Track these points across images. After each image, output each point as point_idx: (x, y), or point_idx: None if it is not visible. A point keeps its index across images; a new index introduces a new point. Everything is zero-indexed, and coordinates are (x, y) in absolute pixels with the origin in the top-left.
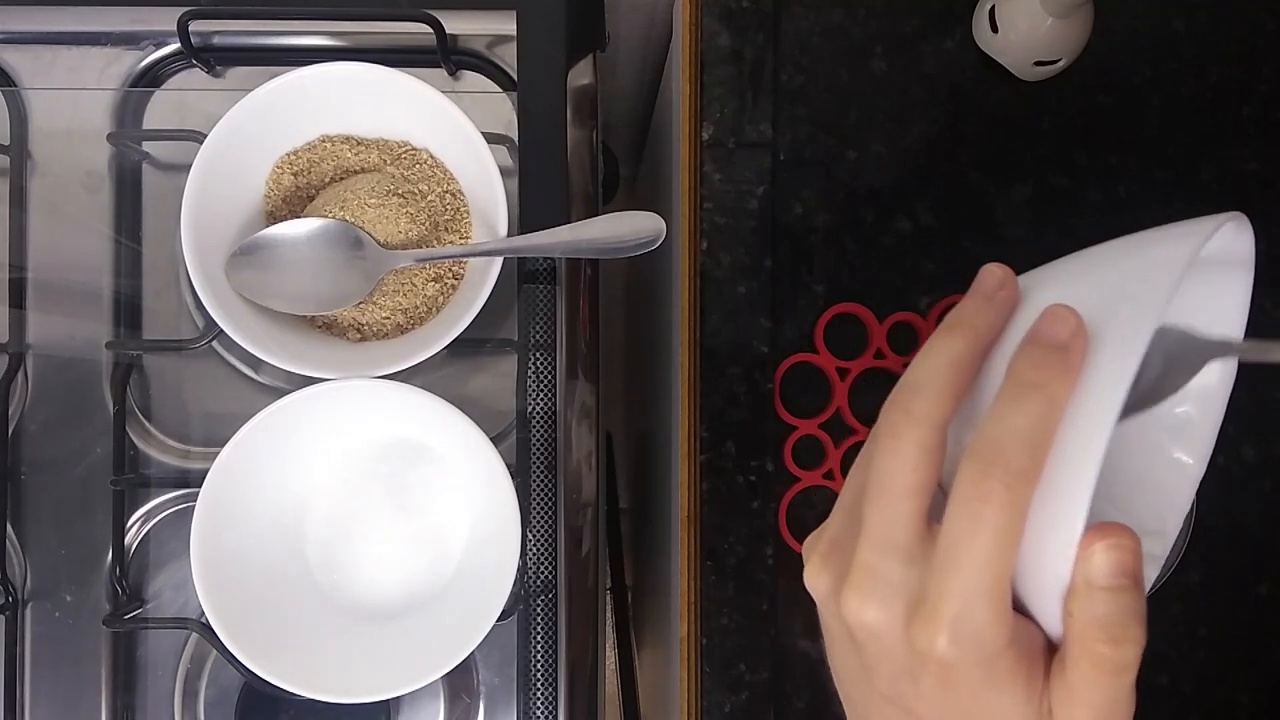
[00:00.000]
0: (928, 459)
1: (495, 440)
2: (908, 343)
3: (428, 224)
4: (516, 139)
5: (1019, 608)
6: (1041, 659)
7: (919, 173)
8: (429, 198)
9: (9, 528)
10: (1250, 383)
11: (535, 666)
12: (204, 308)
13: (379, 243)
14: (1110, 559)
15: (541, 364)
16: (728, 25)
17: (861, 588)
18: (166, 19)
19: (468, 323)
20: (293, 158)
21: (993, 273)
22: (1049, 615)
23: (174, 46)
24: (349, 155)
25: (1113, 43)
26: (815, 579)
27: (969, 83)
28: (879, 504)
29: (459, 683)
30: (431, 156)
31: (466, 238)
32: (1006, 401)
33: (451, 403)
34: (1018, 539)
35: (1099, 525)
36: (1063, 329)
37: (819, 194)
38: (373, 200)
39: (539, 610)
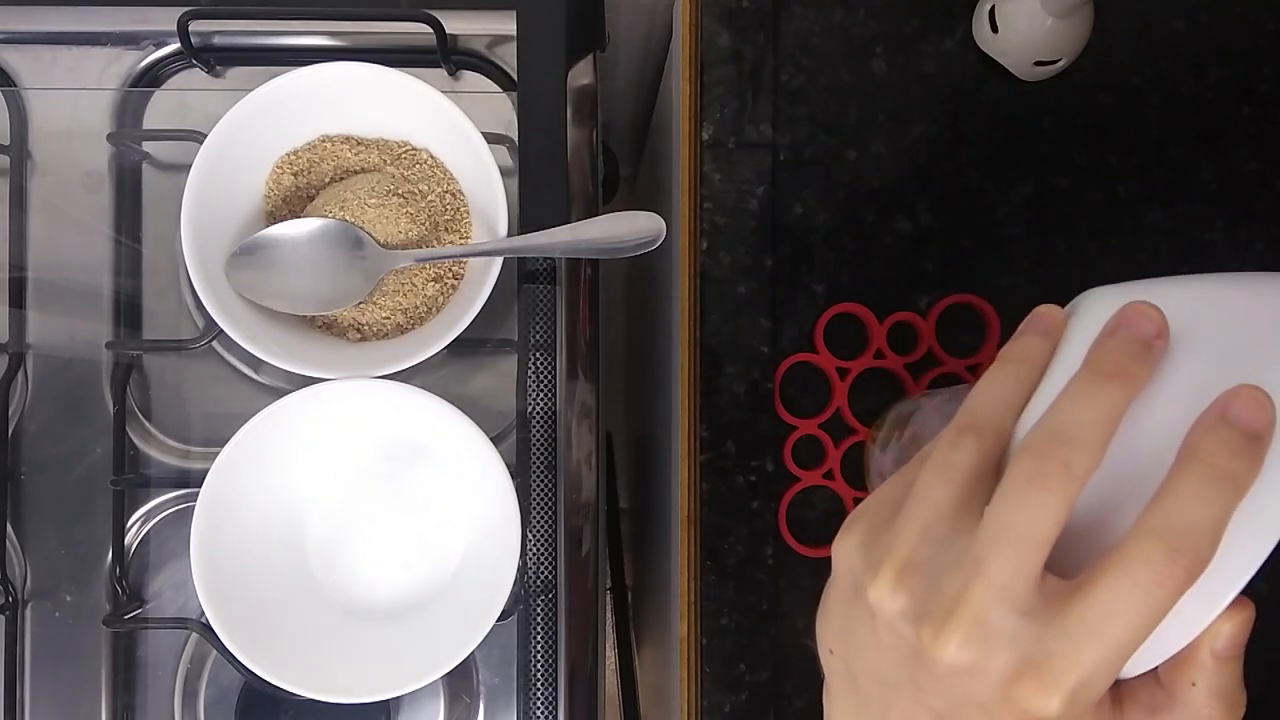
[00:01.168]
0: (1068, 514)
1: (495, 440)
2: (908, 343)
3: (428, 224)
4: (516, 139)
5: None
6: (1109, 710)
7: (919, 173)
8: (429, 198)
9: (9, 528)
10: None
11: (535, 666)
12: (204, 308)
13: (379, 243)
14: (1235, 632)
15: (541, 364)
16: (728, 25)
17: (970, 632)
18: (166, 19)
19: (468, 323)
20: (293, 158)
21: (1149, 315)
22: (1140, 668)
23: (174, 46)
24: (349, 155)
25: (1113, 43)
26: (889, 599)
27: (969, 83)
28: (1008, 552)
29: (459, 683)
30: (431, 156)
31: (466, 238)
32: (1195, 485)
33: (451, 403)
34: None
35: (1242, 603)
36: (1258, 418)
37: (819, 194)
38: (373, 200)
39: (539, 610)
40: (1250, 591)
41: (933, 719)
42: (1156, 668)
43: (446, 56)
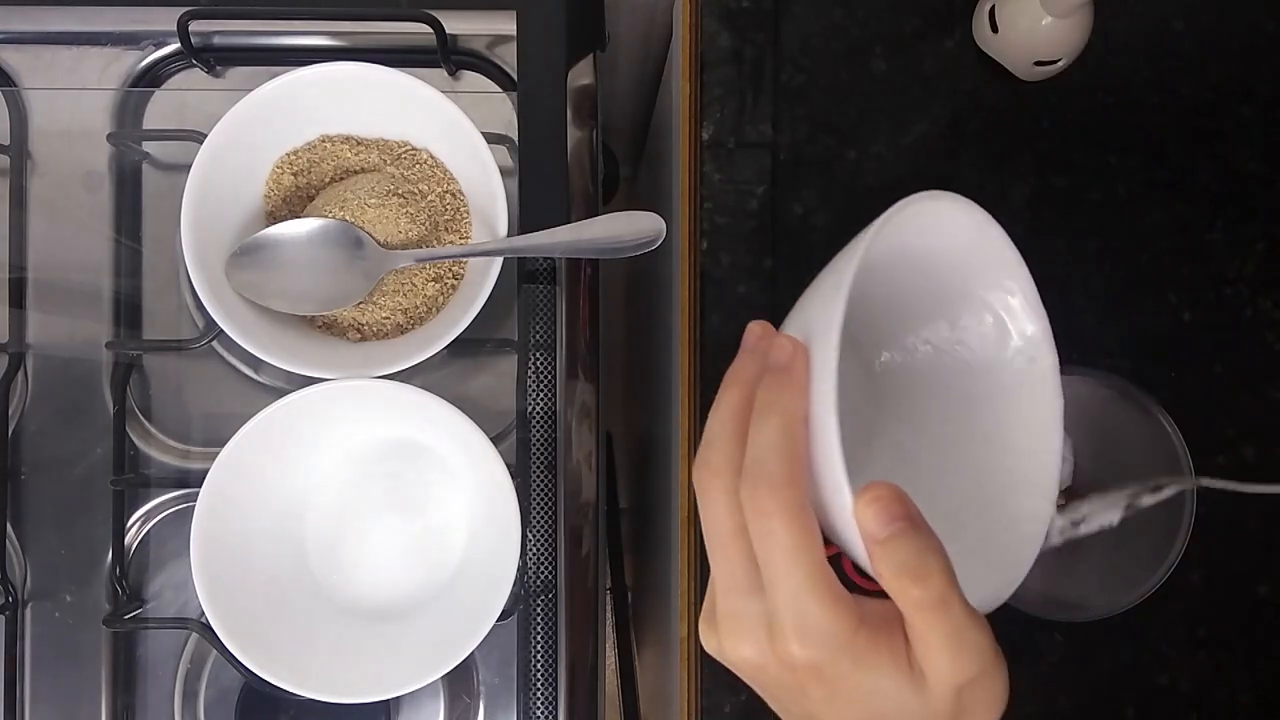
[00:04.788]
0: (737, 500)
1: (495, 440)
2: None
3: (428, 224)
4: (516, 139)
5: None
6: (899, 627)
7: (919, 173)
8: (429, 198)
9: (9, 528)
10: (1251, 383)
11: (535, 666)
12: (204, 308)
13: (379, 243)
14: (876, 511)
15: (541, 364)
16: (728, 25)
17: (730, 631)
18: (166, 19)
19: (468, 323)
20: (293, 158)
21: (752, 329)
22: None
23: (174, 46)
24: (349, 155)
25: (1113, 43)
26: (706, 643)
27: (969, 83)
28: (715, 555)
29: (459, 683)
30: (431, 156)
31: (466, 238)
32: (755, 425)
33: (451, 403)
34: (806, 535)
35: (860, 489)
36: (782, 354)
37: (819, 194)
38: (373, 200)
39: (539, 610)
40: (1251, 592)
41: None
42: None
43: (446, 56)
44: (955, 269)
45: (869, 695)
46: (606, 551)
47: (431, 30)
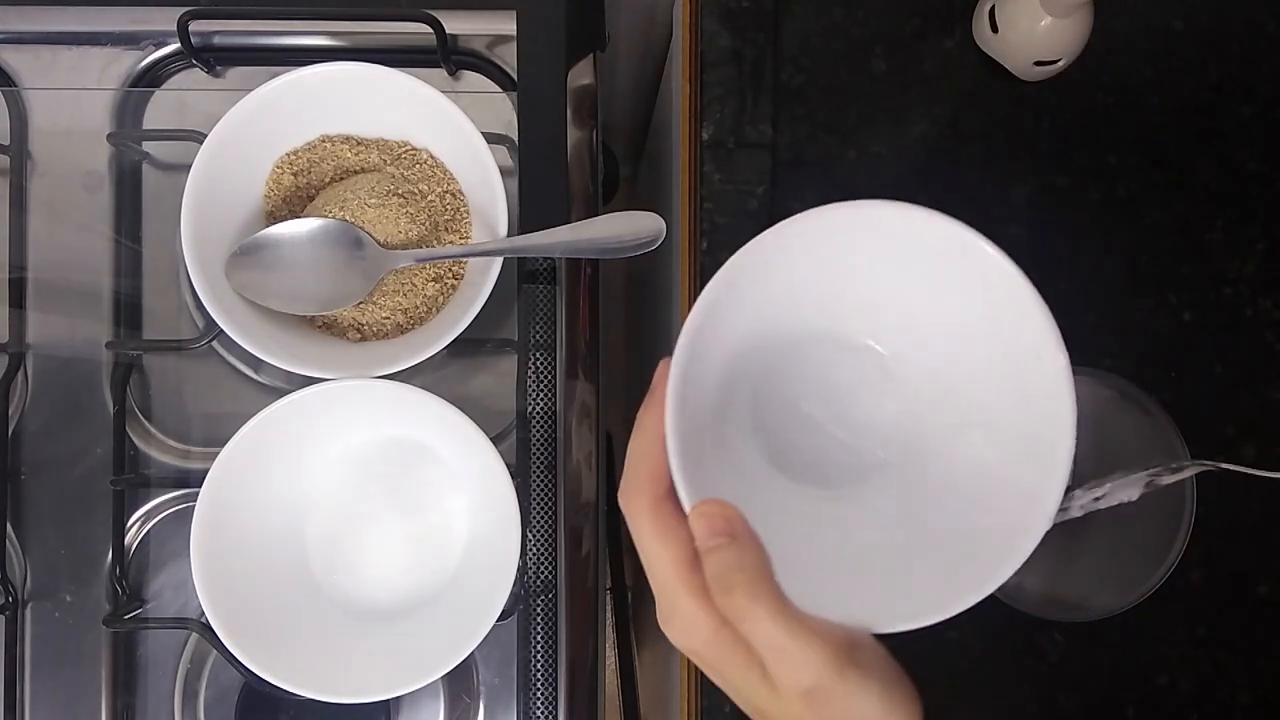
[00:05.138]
0: (658, 515)
1: (495, 440)
2: None
3: (428, 224)
4: (516, 139)
5: None
6: None
7: (919, 173)
8: (429, 198)
9: (9, 528)
10: (1249, 383)
11: (535, 666)
12: (204, 308)
13: (379, 243)
14: (703, 525)
15: (541, 364)
16: (728, 25)
17: (662, 622)
18: (166, 19)
19: (468, 323)
20: (293, 158)
21: (659, 367)
22: None
23: (174, 46)
24: (349, 155)
25: (1113, 43)
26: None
27: (969, 83)
28: (649, 574)
29: (459, 683)
30: (431, 156)
31: (466, 238)
32: (631, 438)
33: (451, 403)
34: (662, 535)
35: (696, 503)
36: (658, 374)
37: (819, 194)
38: (373, 200)
39: (539, 610)
40: (1251, 592)
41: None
42: None
43: (446, 56)
44: (938, 263)
45: (738, 690)
46: (606, 551)
47: (431, 30)
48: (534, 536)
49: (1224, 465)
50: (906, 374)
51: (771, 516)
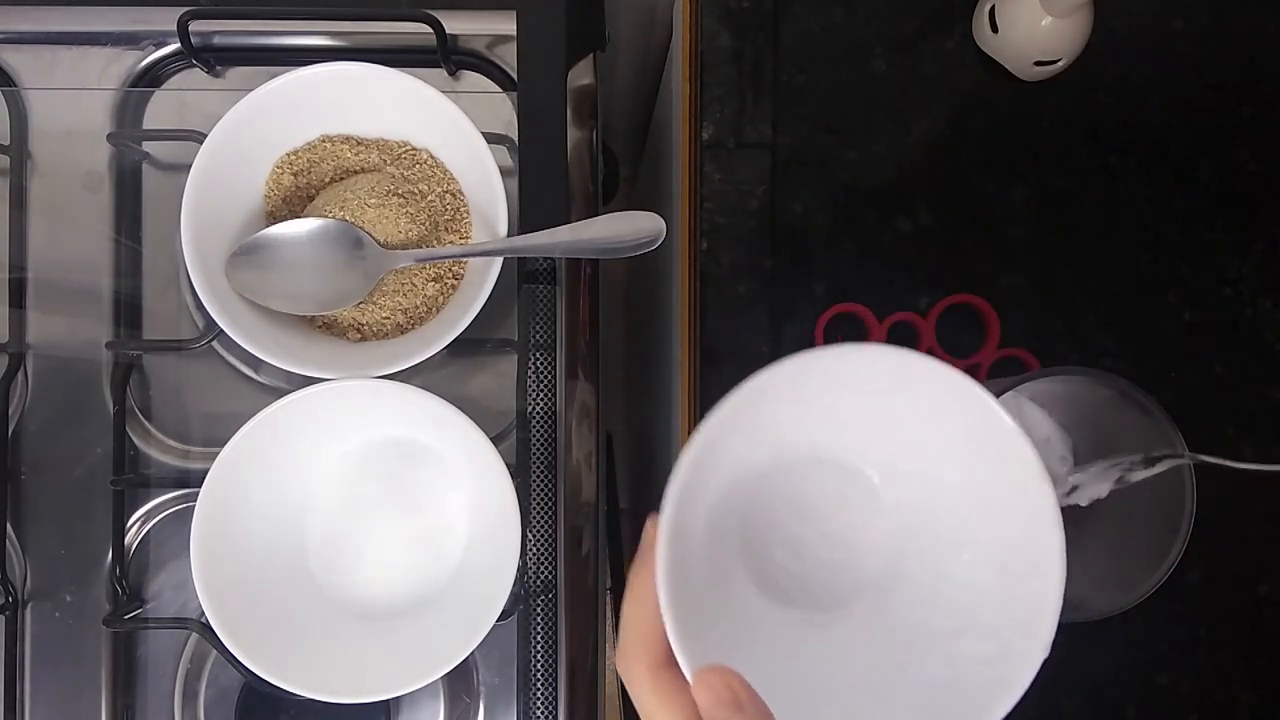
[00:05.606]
0: (657, 682)
1: (495, 440)
2: (908, 342)
3: (428, 224)
4: (516, 139)
5: None
6: None
7: (919, 173)
8: (429, 198)
9: (9, 528)
10: (1249, 383)
11: (535, 666)
12: (204, 308)
13: (379, 243)
14: (706, 695)
15: (541, 364)
16: (728, 25)
17: None
18: (166, 19)
19: (468, 323)
20: (293, 158)
21: (646, 528)
22: None
23: (174, 46)
24: (349, 155)
25: (1113, 43)
26: None
27: (969, 83)
28: None
29: (459, 683)
30: (431, 156)
31: (466, 238)
32: (624, 604)
33: (451, 403)
34: (664, 699)
35: (697, 671)
36: (646, 536)
37: (819, 194)
38: (373, 200)
39: (539, 610)
40: (1251, 592)
41: None
42: None
43: (446, 56)
44: (920, 395)
45: None
46: (606, 551)
47: (431, 30)
48: (534, 536)
49: (1200, 457)
50: (893, 496)
51: (766, 652)
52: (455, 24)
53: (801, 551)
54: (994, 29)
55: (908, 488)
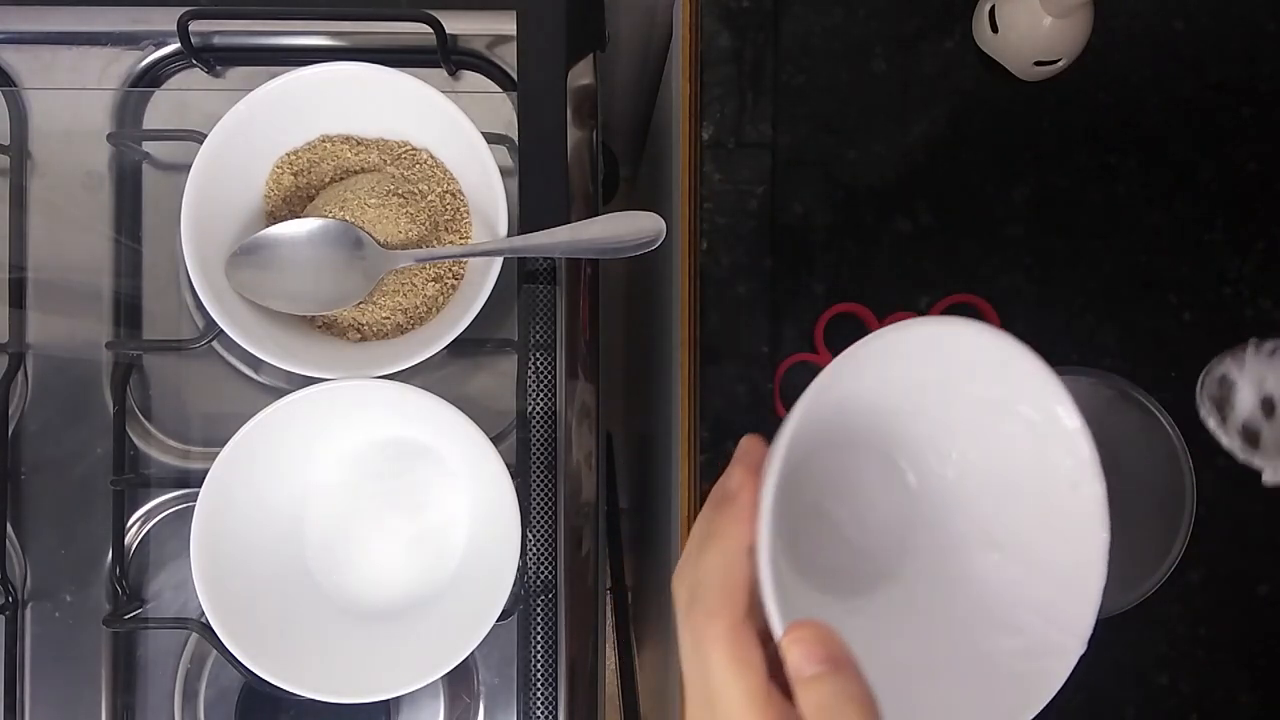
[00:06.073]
0: (736, 641)
1: (495, 440)
2: None
3: (428, 224)
4: (516, 139)
5: None
6: None
7: (919, 173)
8: (429, 198)
9: (9, 528)
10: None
11: (535, 666)
12: (204, 308)
13: (379, 243)
14: (800, 651)
15: (541, 364)
16: (728, 25)
17: None
18: (166, 19)
19: (468, 323)
20: (293, 158)
21: (742, 444)
22: None
23: (174, 46)
24: (349, 155)
25: (1113, 43)
26: None
27: (969, 83)
28: (714, 703)
29: (459, 683)
30: (431, 156)
31: (466, 238)
32: (701, 551)
33: (451, 403)
34: (740, 662)
35: (789, 625)
36: (731, 482)
37: (819, 194)
38: (373, 200)
39: (539, 610)
40: (1251, 592)
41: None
42: None
43: (446, 56)
44: (989, 384)
45: None
46: (606, 551)
47: (431, 30)
48: (534, 536)
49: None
50: (934, 486)
51: None
52: (455, 24)
53: (834, 530)
54: (994, 29)
55: (951, 481)
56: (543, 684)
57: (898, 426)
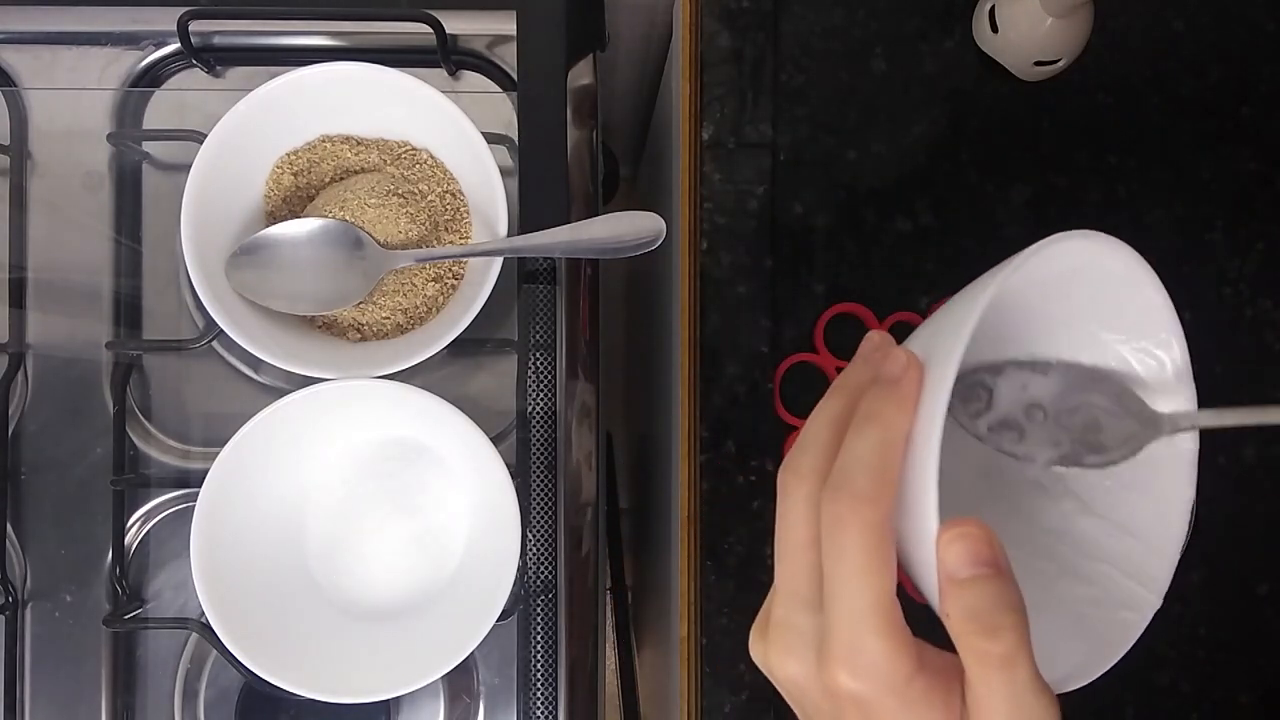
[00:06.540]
0: (816, 510)
1: (495, 440)
2: None
3: (428, 224)
4: (516, 139)
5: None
6: (958, 683)
7: (919, 173)
8: (429, 198)
9: (9, 528)
10: (1250, 383)
11: (535, 666)
12: (204, 308)
13: (379, 243)
14: (962, 549)
15: (541, 364)
16: (728, 25)
17: (779, 643)
18: (166, 19)
19: (468, 323)
20: (293, 158)
21: (870, 338)
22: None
23: (174, 46)
24: (349, 155)
25: (1113, 43)
26: (754, 651)
27: (969, 83)
28: (781, 563)
29: (459, 683)
30: (431, 156)
31: (466, 238)
32: (851, 434)
33: (451, 403)
34: (880, 560)
35: (948, 521)
36: (895, 366)
37: (819, 194)
38: (373, 200)
39: (539, 610)
40: (1251, 592)
41: None
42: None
43: (446, 56)
44: (1095, 320)
45: None
46: (606, 551)
47: (431, 30)
48: (534, 536)
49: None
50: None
51: None
52: (455, 24)
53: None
54: (994, 29)
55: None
56: (543, 684)
57: (998, 350)
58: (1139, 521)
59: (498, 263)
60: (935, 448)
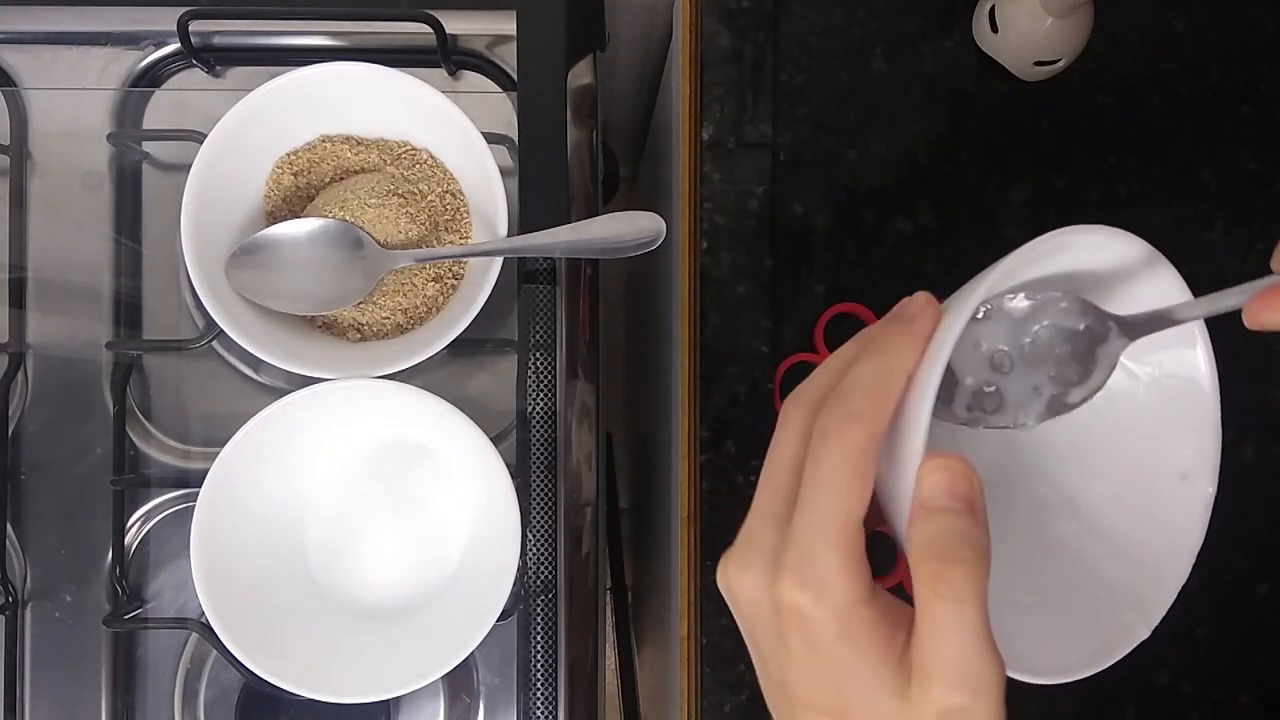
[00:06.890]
0: (809, 436)
1: (495, 440)
2: None
3: (428, 224)
4: (516, 139)
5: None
6: (905, 628)
7: (919, 173)
8: (429, 198)
9: (9, 528)
10: (1249, 383)
11: (535, 666)
12: (204, 308)
13: (379, 243)
14: (941, 479)
15: (541, 364)
16: (728, 25)
17: (740, 557)
18: (166, 19)
19: (468, 323)
20: (293, 158)
21: (916, 298)
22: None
23: (174, 46)
24: (349, 155)
25: (1113, 43)
26: (719, 574)
27: (969, 83)
28: (763, 482)
29: (459, 683)
30: (431, 156)
31: (466, 238)
32: (858, 361)
33: (451, 403)
34: (856, 479)
35: (933, 453)
36: (912, 306)
37: (819, 194)
38: (373, 200)
39: (539, 610)
40: (1251, 592)
41: (775, 692)
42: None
43: (446, 56)
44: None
45: (845, 676)
46: (606, 551)
47: (431, 30)
48: (534, 536)
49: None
50: (1025, 438)
51: None
52: (455, 24)
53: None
54: (994, 29)
55: (1050, 432)
56: (543, 684)
57: None
58: (1143, 552)
59: (498, 263)
60: (935, 382)
